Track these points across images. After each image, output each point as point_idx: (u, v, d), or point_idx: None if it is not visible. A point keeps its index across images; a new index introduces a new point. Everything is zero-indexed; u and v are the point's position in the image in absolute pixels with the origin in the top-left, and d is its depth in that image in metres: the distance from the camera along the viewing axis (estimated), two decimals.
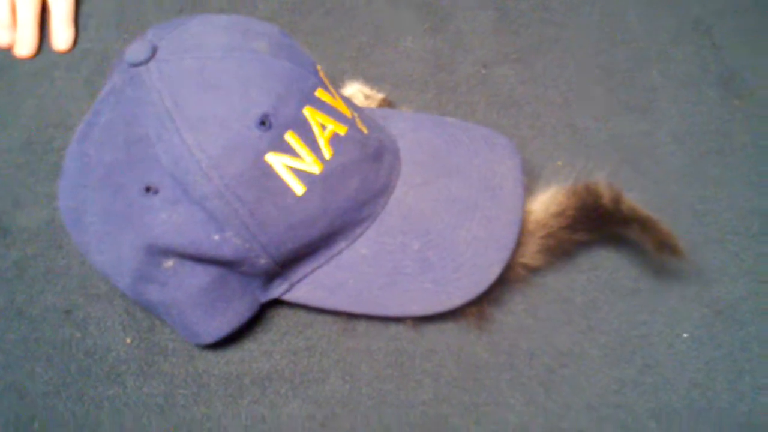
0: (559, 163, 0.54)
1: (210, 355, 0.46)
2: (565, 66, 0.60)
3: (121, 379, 0.46)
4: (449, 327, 0.47)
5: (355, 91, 0.55)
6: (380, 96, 0.55)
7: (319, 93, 0.44)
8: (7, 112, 0.58)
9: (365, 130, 0.45)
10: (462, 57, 0.61)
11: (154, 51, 0.42)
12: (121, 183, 0.41)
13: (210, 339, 0.45)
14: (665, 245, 0.45)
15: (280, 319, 0.48)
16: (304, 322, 0.48)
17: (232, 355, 0.46)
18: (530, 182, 0.49)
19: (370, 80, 0.57)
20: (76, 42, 0.63)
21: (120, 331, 0.48)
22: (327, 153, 0.42)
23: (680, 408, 0.44)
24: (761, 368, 0.45)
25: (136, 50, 0.42)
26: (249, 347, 0.47)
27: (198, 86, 0.41)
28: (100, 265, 0.43)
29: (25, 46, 0.61)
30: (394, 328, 0.47)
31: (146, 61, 0.41)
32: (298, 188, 0.41)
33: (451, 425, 0.44)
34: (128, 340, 0.47)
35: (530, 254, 0.46)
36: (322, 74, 0.45)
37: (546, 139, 0.55)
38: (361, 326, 0.47)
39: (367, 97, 0.55)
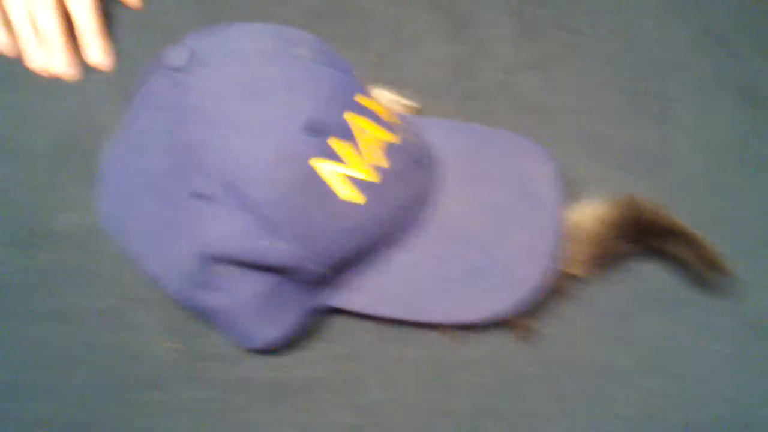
0: (580, 169, 0.54)
1: (253, 361, 0.47)
2: (584, 73, 0.61)
3: (163, 384, 0.46)
4: (488, 337, 0.48)
5: (382, 96, 0.55)
6: (407, 102, 0.55)
7: (361, 98, 0.44)
8: (37, 114, 0.57)
9: (406, 136, 0.46)
10: (482, 64, 0.61)
11: (193, 56, 0.41)
12: (169, 189, 0.41)
13: (263, 345, 0.45)
14: (710, 262, 0.46)
15: (321, 325, 0.48)
16: (345, 328, 0.48)
17: (275, 361, 0.47)
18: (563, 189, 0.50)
19: (390, 86, 0.57)
20: (111, 52, 0.61)
21: (161, 336, 0.48)
22: (374, 159, 0.43)
23: (710, 421, 0.46)
24: None
25: (175, 55, 0.42)
26: (291, 353, 0.47)
27: (243, 92, 0.41)
28: (148, 271, 0.43)
29: (60, 60, 0.59)
30: (433, 337, 0.48)
31: (187, 66, 0.41)
32: (347, 194, 0.42)
33: None
34: (169, 345, 0.47)
35: (579, 265, 0.47)
36: (359, 80, 0.45)
37: (566, 145, 0.55)
38: (402, 334, 0.48)
39: (394, 103, 0.55)
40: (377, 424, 0.45)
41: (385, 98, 0.54)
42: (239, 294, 0.43)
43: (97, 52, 0.60)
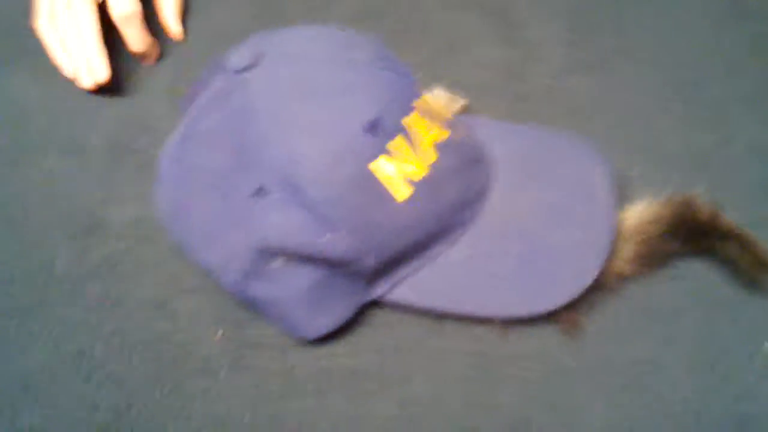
0: (633, 172, 0.54)
1: (300, 350, 0.48)
2: (637, 76, 0.61)
3: (214, 372, 0.47)
4: (535, 331, 0.48)
5: (436, 95, 0.56)
6: (462, 102, 0.56)
7: (419, 101, 0.45)
8: (91, 112, 0.59)
9: (460, 135, 0.47)
10: (534, 66, 0.62)
11: (258, 58, 0.43)
12: (230, 186, 0.43)
13: (314, 335, 0.46)
14: (762, 263, 0.46)
15: (367, 316, 0.49)
16: (390, 320, 0.49)
17: (322, 350, 0.48)
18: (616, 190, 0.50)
19: (442, 87, 0.58)
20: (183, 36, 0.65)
21: (211, 325, 0.49)
22: (430, 158, 0.44)
23: (762, 418, 0.45)
24: None
25: (239, 57, 0.44)
26: (337, 344, 0.48)
27: (305, 93, 0.42)
28: (205, 263, 0.45)
29: (93, 72, 0.58)
30: (480, 331, 0.48)
31: (251, 68, 0.43)
32: (404, 192, 0.43)
33: (536, 426, 0.45)
34: (220, 334, 0.49)
35: (624, 262, 0.47)
36: (417, 83, 0.46)
37: (619, 148, 0.55)
38: (448, 327, 0.48)
39: (448, 101, 0.56)
40: (422, 417, 0.46)
41: (439, 97, 0.56)
42: (293, 285, 0.44)
43: (176, 32, 0.64)
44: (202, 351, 0.48)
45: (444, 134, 0.45)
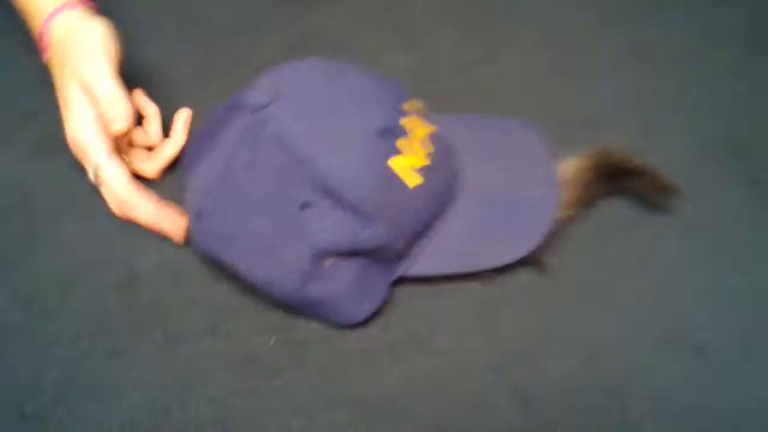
0: (552, 135, 0.68)
1: (345, 336, 0.57)
2: (526, 61, 0.76)
3: (279, 372, 0.56)
4: (516, 273, 0.61)
5: None
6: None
7: (408, 104, 0.57)
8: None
9: (436, 127, 0.58)
10: (440, 66, 0.75)
11: (276, 92, 0.52)
12: (278, 207, 0.51)
13: (361, 318, 0.56)
14: (665, 188, 0.61)
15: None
16: (407, 292, 0.59)
17: (363, 332, 0.57)
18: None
19: None
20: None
21: (263, 335, 0.57)
22: (428, 149, 0.55)
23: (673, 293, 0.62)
24: None
25: (260, 94, 0.53)
26: (374, 323, 0.58)
27: (324, 114, 0.52)
28: (263, 280, 0.53)
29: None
30: (474, 285, 0.60)
31: (272, 102, 0.51)
32: (416, 180, 0.54)
33: (535, 350, 0.59)
34: (273, 340, 0.57)
35: (567, 206, 0.61)
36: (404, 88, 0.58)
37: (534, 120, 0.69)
38: (449, 287, 0.60)
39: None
40: (454, 362, 0.57)
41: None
42: (342, 279, 0.53)
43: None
44: (264, 358, 0.56)
45: (429, 129, 0.56)
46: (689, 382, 0.57)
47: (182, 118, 0.67)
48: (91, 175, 0.61)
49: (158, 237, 0.60)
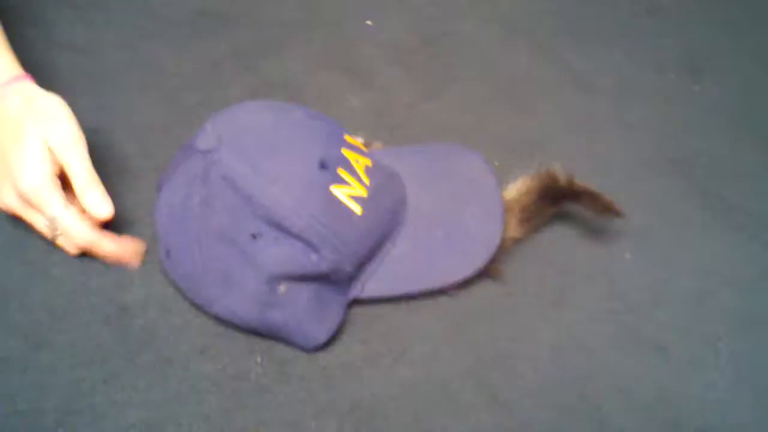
0: (496, 163, 0.75)
1: (327, 352, 0.61)
2: (465, 97, 0.85)
3: (268, 388, 0.59)
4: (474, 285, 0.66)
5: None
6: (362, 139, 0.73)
7: (347, 138, 0.62)
8: None
9: (375, 161, 0.64)
10: (392, 103, 0.83)
11: (220, 138, 0.57)
12: (232, 238, 0.56)
13: (323, 339, 0.60)
14: (608, 209, 0.67)
15: (353, 315, 0.64)
16: (372, 313, 0.64)
17: (343, 347, 0.62)
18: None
19: None
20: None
21: (248, 355, 0.61)
22: (366, 180, 0.60)
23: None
24: None
25: (205, 140, 0.58)
26: (353, 338, 0.62)
27: (266, 152, 0.57)
28: (227, 309, 0.58)
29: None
30: (443, 299, 0.65)
31: (216, 147, 0.56)
32: (357, 209, 0.59)
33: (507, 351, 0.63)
34: (258, 360, 0.60)
35: (513, 228, 0.67)
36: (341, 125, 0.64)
37: (480, 147, 0.75)
38: (417, 304, 0.65)
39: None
40: (431, 370, 0.61)
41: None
42: (299, 304, 0.58)
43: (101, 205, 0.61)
44: (252, 376, 0.59)
45: (367, 161, 0.62)
46: (652, 377, 0.62)
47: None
48: (42, 227, 0.61)
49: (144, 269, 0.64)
